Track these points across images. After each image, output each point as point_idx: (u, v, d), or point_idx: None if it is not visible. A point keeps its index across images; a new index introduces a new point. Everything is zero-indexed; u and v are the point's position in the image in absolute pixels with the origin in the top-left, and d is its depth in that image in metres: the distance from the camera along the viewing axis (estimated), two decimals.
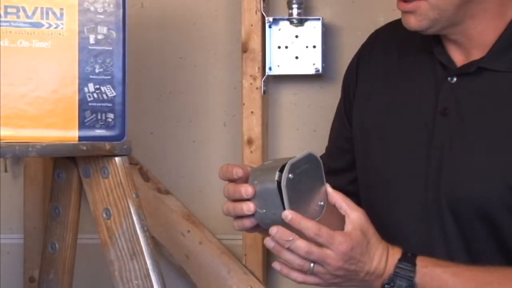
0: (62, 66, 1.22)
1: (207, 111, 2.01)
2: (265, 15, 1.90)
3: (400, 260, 1.24)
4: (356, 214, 1.22)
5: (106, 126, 1.24)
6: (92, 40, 1.23)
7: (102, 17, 1.24)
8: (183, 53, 2.01)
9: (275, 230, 1.18)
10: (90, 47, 1.23)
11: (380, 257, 1.24)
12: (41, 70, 1.21)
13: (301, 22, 1.90)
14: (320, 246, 1.19)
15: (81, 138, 1.23)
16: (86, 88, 1.23)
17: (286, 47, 1.92)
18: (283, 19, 1.91)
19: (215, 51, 2.00)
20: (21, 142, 1.18)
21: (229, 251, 1.95)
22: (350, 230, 1.21)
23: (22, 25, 1.20)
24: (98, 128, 1.24)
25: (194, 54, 2.01)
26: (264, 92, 1.92)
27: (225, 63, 2.00)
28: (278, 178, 1.17)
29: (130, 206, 1.24)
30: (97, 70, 1.24)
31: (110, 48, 1.24)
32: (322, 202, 1.23)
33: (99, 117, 1.24)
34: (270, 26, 1.92)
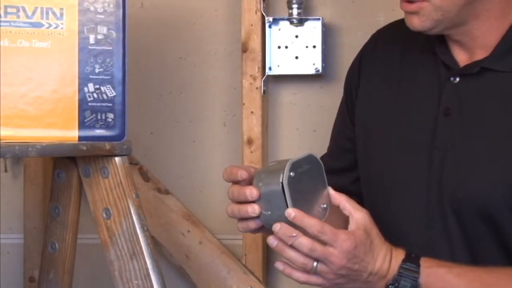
0: (62, 66, 1.22)
1: (207, 111, 2.01)
2: (265, 15, 1.90)
3: (404, 260, 1.24)
4: (360, 214, 1.22)
5: (106, 126, 1.24)
6: (92, 40, 1.23)
7: (102, 17, 1.24)
8: (183, 53, 2.01)
9: (279, 226, 1.18)
10: (90, 47, 1.23)
11: (383, 257, 1.23)
12: (41, 70, 1.21)
13: (301, 22, 1.90)
14: (323, 244, 1.19)
15: (81, 138, 1.23)
16: (86, 88, 1.23)
17: (286, 47, 1.92)
18: (283, 19, 1.91)
19: (215, 51, 2.00)
20: (21, 142, 1.18)
21: (229, 251, 1.95)
22: (354, 229, 1.21)
23: (22, 25, 1.20)
24: (98, 128, 1.24)
25: (194, 54, 2.01)
26: (264, 92, 1.92)
27: (225, 63, 2.00)
28: (282, 180, 1.17)
29: (130, 206, 1.24)
30: (97, 70, 1.24)
31: (110, 48, 1.24)
32: (325, 205, 1.23)
33: (99, 117, 1.24)
34: (270, 26, 1.92)
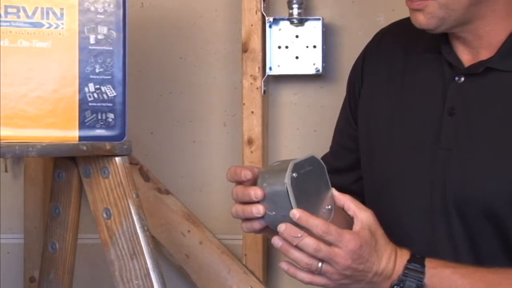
0: (62, 66, 1.22)
1: (207, 111, 2.01)
2: (265, 15, 1.90)
3: (409, 261, 1.24)
4: (365, 214, 1.22)
5: (106, 126, 1.24)
6: (92, 40, 1.23)
7: (103, 17, 1.24)
8: (183, 53, 2.01)
9: (284, 227, 1.18)
10: (90, 47, 1.23)
11: (388, 258, 1.23)
12: (41, 70, 1.21)
13: (301, 22, 1.90)
14: (328, 245, 1.19)
15: (81, 138, 1.23)
16: (86, 88, 1.23)
17: (287, 47, 1.92)
18: (283, 19, 1.91)
19: (215, 51, 2.00)
20: (21, 142, 1.18)
21: (229, 251, 1.95)
22: (359, 229, 1.21)
23: (22, 25, 1.20)
24: (98, 128, 1.24)
25: (194, 54, 2.01)
26: (264, 92, 1.92)
27: (225, 63, 2.00)
28: (286, 180, 1.17)
29: (130, 206, 1.24)
30: (97, 70, 1.24)
31: (110, 48, 1.24)
32: (329, 206, 1.23)
33: (99, 117, 1.24)
34: (270, 26, 1.92)
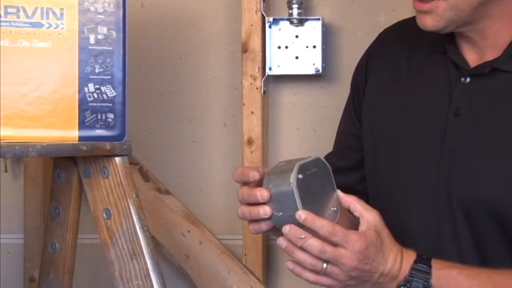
0: (62, 66, 1.22)
1: (207, 111, 2.01)
2: (265, 15, 1.90)
3: (415, 261, 1.23)
4: (370, 214, 1.22)
5: (106, 126, 1.24)
6: (92, 40, 1.23)
7: (102, 17, 1.24)
8: (183, 53, 2.01)
9: (288, 228, 1.18)
10: (90, 47, 1.23)
11: (394, 258, 1.23)
12: (41, 70, 1.21)
13: (301, 22, 1.90)
14: (334, 246, 1.18)
15: (81, 138, 1.23)
16: (86, 88, 1.23)
17: (286, 47, 1.92)
18: (283, 19, 1.91)
19: (215, 51, 2.00)
20: (21, 142, 1.18)
21: (229, 251, 1.95)
22: (365, 230, 1.21)
23: (22, 25, 1.20)
24: (98, 128, 1.24)
25: (194, 54, 2.01)
26: (264, 92, 1.92)
27: (225, 63, 2.00)
28: (292, 181, 1.17)
29: (130, 206, 1.24)
30: (97, 70, 1.24)
31: (110, 48, 1.24)
32: (335, 208, 1.23)
33: (99, 117, 1.24)
34: (270, 26, 1.92)
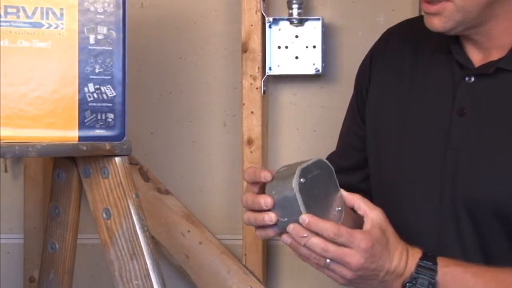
0: (62, 66, 1.22)
1: (207, 111, 2.01)
2: (265, 15, 1.90)
3: (421, 259, 1.23)
4: (375, 212, 1.22)
5: (106, 126, 1.24)
6: (92, 40, 1.23)
7: (102, 17, 1.24)
8: (183, 53, 2.01)
9: (292, 227, 1.18)
10: (90, 47, 1.23)
11: (400, 256, 1.23)
12: (41, 70, 1.21)
13: (301, 22, 1.90)
14: (340, 246, 1.18)
15: (81, 138, 1.23)
16: (86, 88, 1.23)
17: (286, 47, 1.92)
18: (283, 19, 1.91)
19: (215, 51, 2.00)
20: (21, 142, 1.18)
21: (229, 251, 1.95)
22: (370, 228, 1.21)
23: (22, 25, 1.20)
24: (98, 128, 1.24)
25: (194, 54, 2.01)
26: (264, 92, 1.92)
27: (225, 63, 2.00)
28: (294, 186, 1.17)
29: (130, 206, 1.24)
30: (97, 70, 1.24)
31: (110, 48, 1.24)
32: (339, 207, 1.23)
33: (99, 117, 1.24)
34: (270, 26, 1.92)
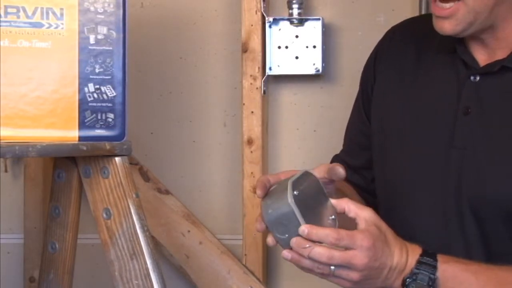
0: (62, 66, 1.22)
1: (207, 111, 2.01)
2: (265, 15, 1.90)
3: (421, 255, 1.23)
4: (366, 211, 1.22)
5: (106, 126, 1.24)
6: (92, 40, 1.23)
7: (102, 17, 1.24)
8: (183, 53, 2.01)
9: (294, 240, 1.18)
10: (90, 47, 1.23)
11: (400, 252, 1.23)
12: (41, 70, 1.21)
13: (301, 22, 1.90)
14: (344, 250, 1.18)
15: (81, 138, 1.23)
16: (86, 88, 1.23)
17: (286, 47, 1.92)
18: (283, 19, 1.92)
19: (215, 51, 2.00)
20: (21, 142, 1.18)
21: (229, 251, 1.95)
22: (366, 226, 1.20)
23: (22, 25, 1.20)
24: (98, 128, 1.24)
25: (194, 54, 2.01)
26: (264, 92, 1.92)
27: (225, 63, 2.00)
28: (289, 201, 1.17)
29: (130, 206, 1.24)
30: (97, 70, 1.24)
31: (110, 48, 1.24)
32: (333, 216, 1.23)
33: (99, 117, 1.24)
34: (270, 26, 1.92)
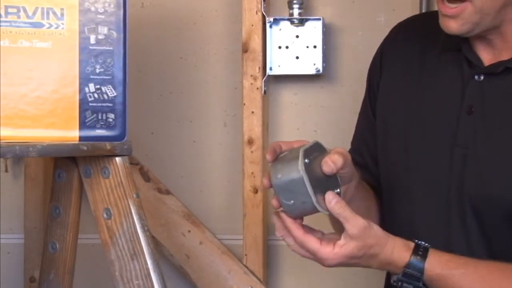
0: (63, 66, 1.22)
1: (208, 111, 2.01)
2: (265, 15, 1.90)
3: (406, 266, 1.24)
4: (353, 225, 1.22)
5: (107, 126, 1.24)
6: (92, 40, 1.23)
7: (103, 17, 1.24)
8: (184, 53, 2.01)
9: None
10: (90, 47, 1.23)
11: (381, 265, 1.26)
12: (41, 70, 1.21)
13: (301, 22, 1.90)
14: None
15: (81, 138, 1.23)
16: (86, 88, 1.23)
17: (287, 47, 1.92)
18: (284, 19, 1.91)
19: (216, 51, 2.00)
20: (21, 142, 1.18)
21: (229, 251, 1.95)
22: (343, 241, 1.22)
23: (22, 25, 1.20)
24: (98, 128, 1.24)
25: (195, 54, 2.01)
26: (264, 92, 1.92)
27: (225, 63, 2.00)
28: (300, 167, 1.18)
29: (131, 206, 1.24)
30: (97, 70, 1.24)
31: (111, 48, 1.24)
32: (338, 190, 1.24)
33: (100, 117, 1.24)
34: (270, 26, 1.92)
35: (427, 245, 1.25)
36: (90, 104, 1.23)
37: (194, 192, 2.02)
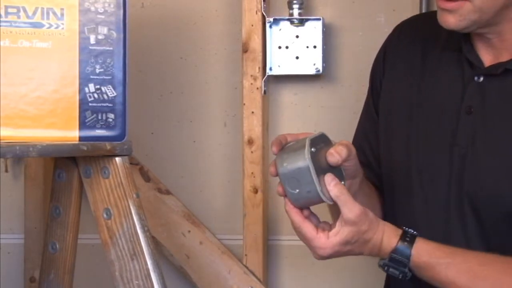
0: (63, 66, 1.22)
1: (208, 111, 2.01)
2: (265, 15, 1.90)
3: (394, 251, 1.26)
4: (350, 211, 1.24)
5: (107, 126, 1.24)
6: (92, 40, 1.23)
7: (103, 17, 1.24)
8: (184, 53, 2.01)
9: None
10: (90, 47, 1.23)
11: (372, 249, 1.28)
12: (41, 70, 1.21)
13: (301, 22, 1.90)
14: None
15: (81, 138, 1.23)
16: (86, 88, 1.23)
17: (287, 47, 1.92)
18: (284, 19, 1.91)
19: (216, 51, 2.00)
20: (21, 142, 1.18)
21: (229, 251, 1.95)
22: (338, 228, 1.24)
23: (22, 25, 1.20)
24: (98, 128, 1.24)
25: (195, 54, 2.01)
26: (264, 92, 1.92)
27: (225, 63, 2.00)
28: (306, 156, 1.19)
29: (131, 206, 1.24)
30: (97, 70, 1.24)
31: (111, 48, 1.24)
32: (342, 182, 1.25)
33: (100, 117, 1.24)
34: (270, 26, 1.92)
35: (415, 233, 1.27)
36: (90, 104, 1.23)
37: (194, 192, 2.02)
